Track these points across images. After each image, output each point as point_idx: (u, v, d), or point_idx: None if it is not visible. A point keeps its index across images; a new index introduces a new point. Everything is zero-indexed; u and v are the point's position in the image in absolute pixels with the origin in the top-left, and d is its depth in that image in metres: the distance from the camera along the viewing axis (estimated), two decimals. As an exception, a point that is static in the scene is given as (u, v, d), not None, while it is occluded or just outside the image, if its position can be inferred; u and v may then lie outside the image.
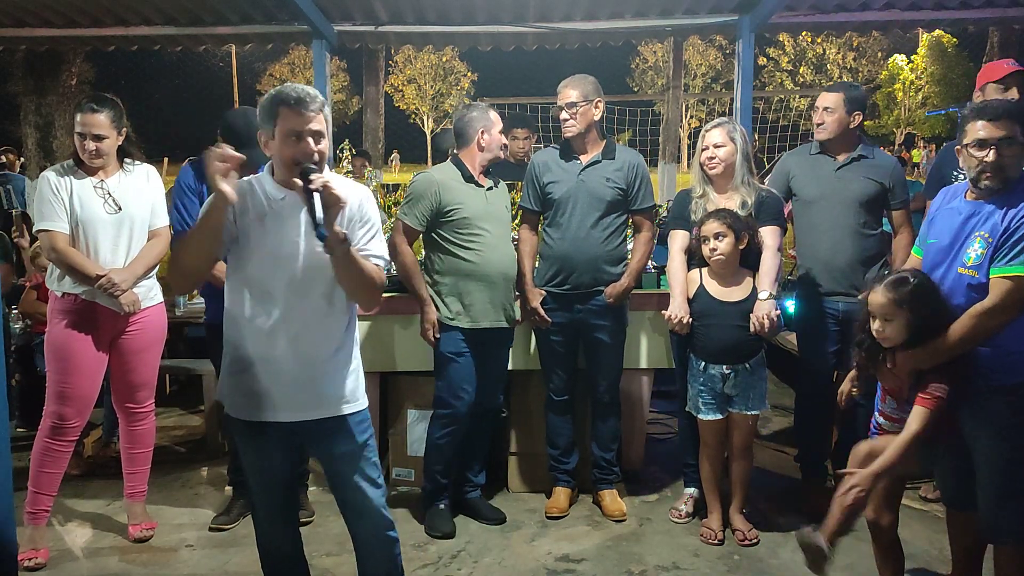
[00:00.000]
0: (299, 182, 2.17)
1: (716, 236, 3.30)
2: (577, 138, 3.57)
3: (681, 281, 3.46)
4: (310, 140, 2.23)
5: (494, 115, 3.57)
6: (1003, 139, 2.40)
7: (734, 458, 3.47)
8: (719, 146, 3.45)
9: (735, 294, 3.37)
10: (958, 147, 2.54)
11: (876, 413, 2.68)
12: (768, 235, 3.41)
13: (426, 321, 3.46)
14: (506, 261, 3.56)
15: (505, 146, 3.63)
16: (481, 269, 3.45)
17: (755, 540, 3.41)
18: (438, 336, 3.46)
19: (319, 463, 2.53)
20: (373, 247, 2.36)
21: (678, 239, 3.53)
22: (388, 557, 2.53)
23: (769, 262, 3.37)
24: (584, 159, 3.59)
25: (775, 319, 3.28)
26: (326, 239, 2.12)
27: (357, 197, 2.35)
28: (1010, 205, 2.40)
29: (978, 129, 2.44)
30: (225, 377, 2.42)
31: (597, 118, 3.59)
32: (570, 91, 3.53)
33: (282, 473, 2.47)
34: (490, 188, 3.56)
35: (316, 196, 2.13)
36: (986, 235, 2.42)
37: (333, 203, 2.14)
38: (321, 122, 2.25)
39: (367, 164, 7.08)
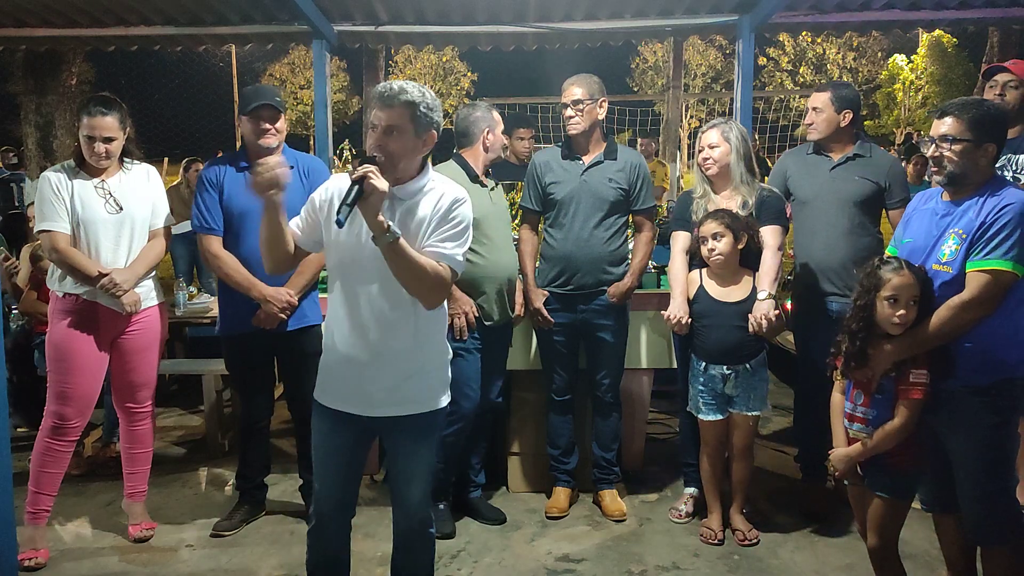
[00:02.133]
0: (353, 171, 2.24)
1: (714, 236, 3.30)
2: (580, 137, 3.57)
3: (681, 281, 3.46)
4: (379, 132, 2.29)
5: (496, 115, 3.57)
6: (942, 136, 2.47)
7: (734, 459, 3.47)
8: (714, 146, 3.45)
9: (735, 294, 3.37)
10: None
11: (844, 419, 2.66)
12: (769, 234, 3.41)
13: (464, 304, 3.37)
14: (511, 262, 3.57)
15: (505, 146, 3.63)
16: (490, 272, 3.44)
17: (755, 540, 3.41)
18: (469, 333, 3.40)
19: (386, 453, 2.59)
20: (444, 246, 2.32)
21: (679, 240, 3.53)
22: (423, 552, 2.62)
23: (769, 262, 3.37)
24: (586, 159, 3.58)
25: (774, 319, 3.28)
26: (341, 224, 2.17)
27: (440, 205, 2.34)
28: (985, 202, 2.43)
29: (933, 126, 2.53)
30: (321, 363, 2.49)
31: (601, 117, 3.59)
32: (576, 88, 3.53)
33: (352, 464, 2.51)
34: (492, 188, 3.56)
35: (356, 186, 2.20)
36: (960, 232, 2.45)
37: (369, 192, 2.18)
38: (398, 116, 2.27)
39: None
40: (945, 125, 2.47)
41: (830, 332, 3.56)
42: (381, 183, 2.18)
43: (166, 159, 19.55)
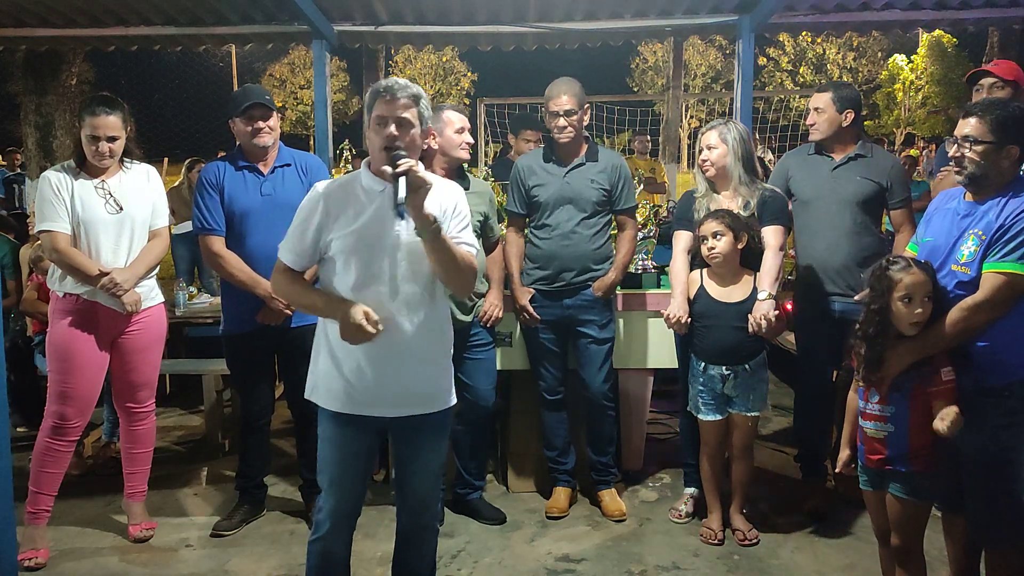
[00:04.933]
0: (388, 168, 2.22)
1: (714, 235, 3.31)
2: (570, 144, 3.58)
3: (682, 281, 3.47)
4: (392, 126, 2.29)
5: (449, 115, 3.45)
6: (964, 136, 2.46)
7: (734, 459, 3.47)
8: (712, 148, 3.47)
9: (735, 294, 3.37)
10: None
11: (859, 418, 2.64)
12: (770, 235, 3.41)
13: None
14: None
15: (467, 145, 3.47)
16: None
17: (755, 540, 3.41)
18: None
19: (394, 451, 2.58)
20: (465, 236, 2.40)
21: (682, 240, 3.54)
22: (429, 548, 2.64)
23: (770, 261, 3.37)
24: (569, 162, 3.60)
25: (773, 319, 3.28)
26: (404, 217, 2.20)
27: (453, 197, 2.42)
28: (1007, 204, 2.42)
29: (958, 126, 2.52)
30: (324, 369, 2.41)
31: (586, 123, 3.62)
32: (569, 98, 3.52)
33: (366, 468, 2.51)
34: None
35: (401, 179, 2.18)
36: (980, 233, 2.44)
37: (419, 185, 2.19)
38: (412, 112, 2.31)
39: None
40: (968, 126, 2.46)
41: (832, 332, 3.60)
42: (427, 175, 2.23)
43: (166, 159, 19.53)
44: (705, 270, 3.43)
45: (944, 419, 2.38)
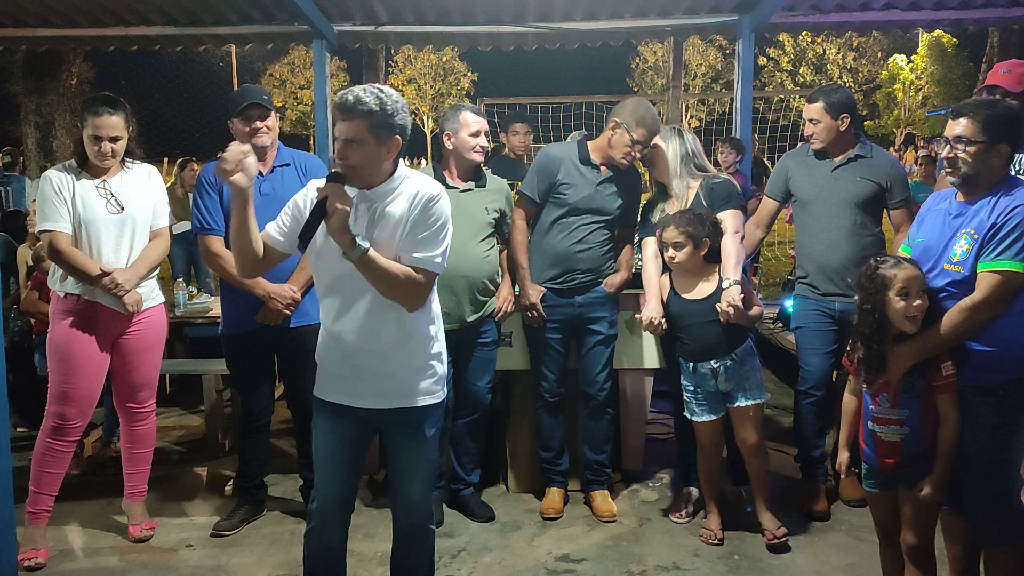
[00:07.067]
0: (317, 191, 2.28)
1: (675, 245, 3.32)
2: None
3: (655, 285, 3.50)
4: (340, 144, 2.28)
5: (466, 117, 3.47)
6: (956, 137, 2.46)
7: (747, 456, 3.42)
8: (654, 146, 3.56)
9: (704, 290, 3.37)
10: None
11: (868, 422, 2.62)
12: (728, 219, 3.42)
13: None
14: (468, 265, 3.44)
15: (480, 148, 3.49)
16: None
17: (783, 539, 3.35)
18: None
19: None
20: (419, 251, 2.32)
21: (648, 246, 3.59)
22: (425, 548, 2.65)
23: (729, 247, 3.37)
24: (604, 171, 3.60)
25: (740, 304, 3.25)
26: (303, 249, 2.27)
27: (419, 203, 2.34)
28: (998, 202, 2.42)
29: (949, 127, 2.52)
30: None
31: None
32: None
33: (353, 458, 2.53)
34: (467, 189, 3.52)
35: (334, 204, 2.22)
36: (972, 232, 2.44)
37: (331, 213, 2.20)
38: (355, 129, 2.24)
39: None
40: (959, 126, 2.46)
41: (831, 333, 3.60)
42: (343, 202, 2.21)
43: (166, 159, 19.56)
44: (672, 273, 3.46)
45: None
